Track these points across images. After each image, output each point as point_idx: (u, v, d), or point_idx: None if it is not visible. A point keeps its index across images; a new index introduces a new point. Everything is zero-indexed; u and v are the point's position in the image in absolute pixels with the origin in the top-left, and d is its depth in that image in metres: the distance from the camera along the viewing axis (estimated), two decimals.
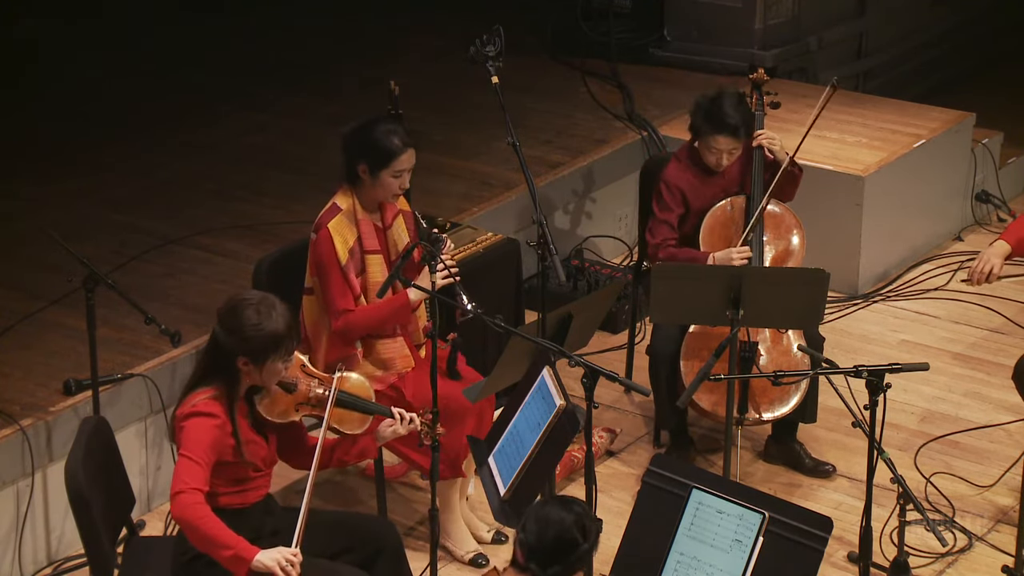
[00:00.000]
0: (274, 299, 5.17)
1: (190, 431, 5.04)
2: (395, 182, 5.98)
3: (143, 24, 10.09)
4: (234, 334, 5.08)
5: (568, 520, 4.47)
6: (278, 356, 5.11)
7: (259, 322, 5.07)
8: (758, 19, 9.48)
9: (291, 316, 5.17)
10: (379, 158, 5.95)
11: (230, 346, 5.09)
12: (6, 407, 6.16)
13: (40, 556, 6.23)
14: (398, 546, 5.49)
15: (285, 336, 5.10)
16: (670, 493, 5.04)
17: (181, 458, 5.02)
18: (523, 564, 4.47)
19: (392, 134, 5.96)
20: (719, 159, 6.68)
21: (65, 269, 6.32)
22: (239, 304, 5.12)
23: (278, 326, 5.08)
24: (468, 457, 6.07)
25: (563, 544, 4.45)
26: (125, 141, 8.56)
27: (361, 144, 5.98)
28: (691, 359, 6.53)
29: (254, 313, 5.08)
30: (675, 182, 6.74)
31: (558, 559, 4.45)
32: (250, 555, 4.93)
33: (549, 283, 6.63)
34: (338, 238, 5.97)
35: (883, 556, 5.99)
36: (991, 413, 7.19)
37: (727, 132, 6.61)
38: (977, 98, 9.68)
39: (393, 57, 9.67)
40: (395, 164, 5.95)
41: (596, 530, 4.54)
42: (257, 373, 5.12)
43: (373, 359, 6.11)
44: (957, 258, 8.58)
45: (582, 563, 4.52)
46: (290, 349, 5.15)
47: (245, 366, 5.10)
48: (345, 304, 5.96)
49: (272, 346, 5.08)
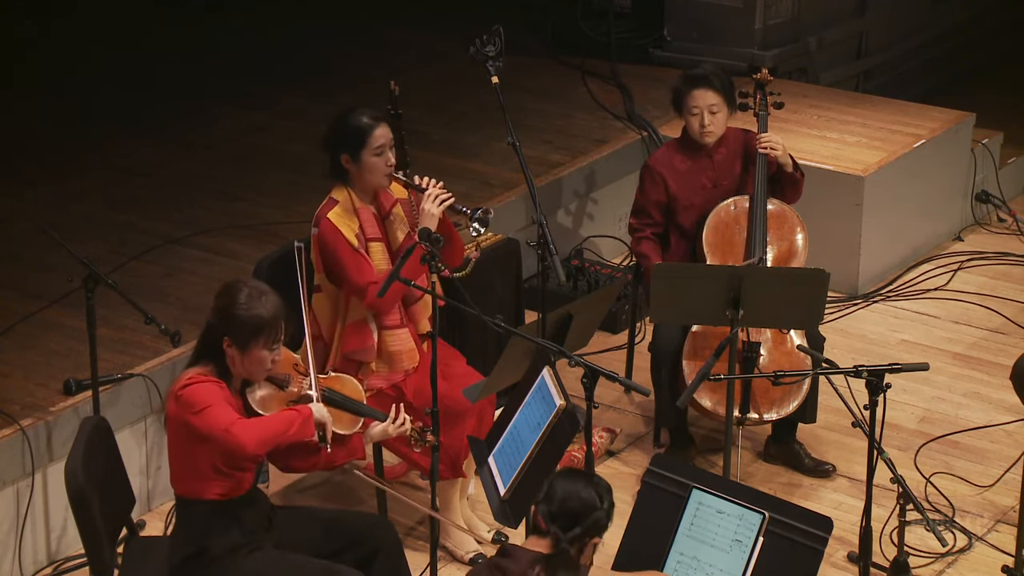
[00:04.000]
0: (270, 290, 5.20)
1: (195, 394, 5.07)
2: (379, 160, 6.00)
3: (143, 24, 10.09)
4: (221, 312, 5.13)
5: (586, 486, 4.72)
6: (260, 342, 5.11)
7: (246, 303, 5.10)
8: (758, 19, 9.48)
9: (282, 308, 5.17)
10: (355, 141, 5.98)
11: (217, 325, 5.13)
12: (6, 407, 6.16)
13: (40, 556, 6.23)
14: (396, 545, 5.49)
15: (268, 323, 5.10)
16: (670, 493, 5.04)
17: (207, 409, 5.03)
18: (545, 529, 4.68)
19: (360, 114, 6.01)
20: (701, 120, 6.68)
21: (65, 269, 6.32)
22: (233, 285, 5.18)
23: (263, 311, 5.10)
24: (468, 457, 6.07)
25: (583, 506, 4.68)
26: (125, 141, 8.56)
27: (335, 136, 6.03)
28: (693, 358, 6.53)
29: (245, 296, 5.12)
30: (656, 166, 6.79)
31: (578, 521, 4.67)
32: (307, 414, 5.21)
33: (549, 283, 6.64)
34: (342, 225, 5.98)
35: (883, 556, 5.99)
36: (991, 413, 7.19)
37: (700, 83, 6.63)
38: (977, 98, 9.68)
39: (393, 57, 9.67)
40: (371, 141, 5.98)
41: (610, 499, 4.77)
42: (240, 359, 5.12)
43: (382, 355, 6.10)
44: (957, 258, 8.58)
45: (598, 527, 4.72)
46: (275, 339, 5.14)
47: (229, 348, 5.11)
48: (369, 277, 5.96)
49: (255, 330, 5.09)
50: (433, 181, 6.05)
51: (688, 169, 6.79)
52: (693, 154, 6.80)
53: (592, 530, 4.70)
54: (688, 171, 6.79)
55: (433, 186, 6.03)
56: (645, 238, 6.83)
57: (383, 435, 5.52)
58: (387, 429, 5.50)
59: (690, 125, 6.74)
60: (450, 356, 6.26)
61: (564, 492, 4.70)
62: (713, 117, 6.68)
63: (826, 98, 9.03)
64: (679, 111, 6.77)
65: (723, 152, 6.81)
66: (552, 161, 8.35)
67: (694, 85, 6.66)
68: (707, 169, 6.80)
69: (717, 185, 6.80)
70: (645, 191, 6.83)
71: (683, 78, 6.77)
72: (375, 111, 6.08)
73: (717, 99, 6.66)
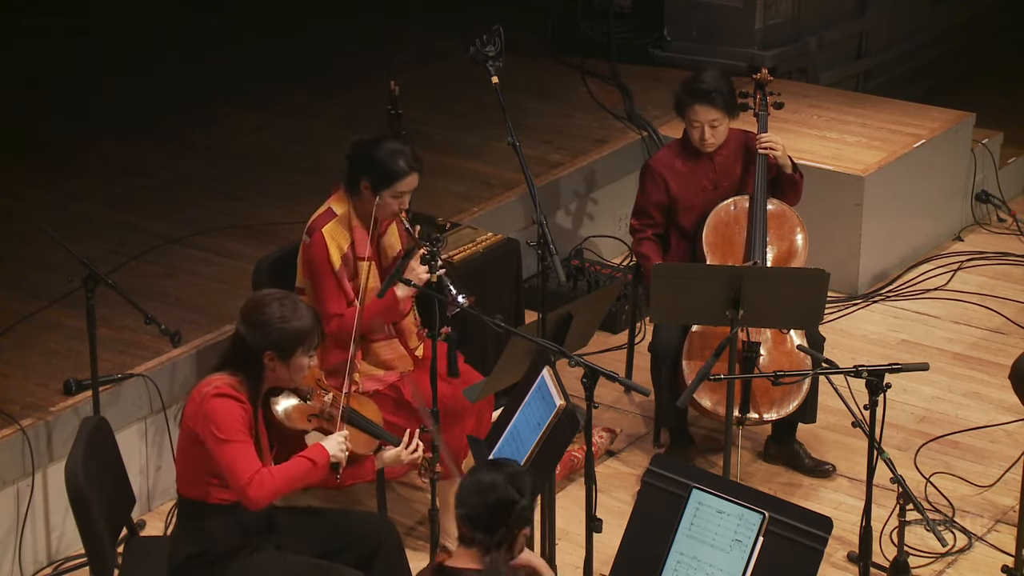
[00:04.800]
0: (296, 296, 5.24)
1: (221, 413, 5.05)
2: (395, 202, 5.99)
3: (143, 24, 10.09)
4: (261, 328, 5.10)
5: (500, 481, 4.56)
6: (304, 351, 5.14)
7: (285, 315, 5.10)
8: (758, 19, 9.48)
9: (314, 313, 5.20)
10: (383, 178, 5.95)
11: (257, 341, 5.10)
12: (6, 407, 6.16)
13: (40, 556, 6.23)
14: (396, 544, 5.49)
15: (311, 330, 5.13)
16: (670, 493, 5.04)
17: (229, 444, 5.02)
18: (470, 536, 4.55)
19: (399, 155, 5.95)
20: (701, 134, 6.70)
21: (65, 269, 6.32)
22: (263, 299, 5.16)
23: (304, 321, 5.12)
24: (468, 457, 6.08)
25: (502, 505, 4.54)
26: (125, 141, 8.56)
27: (368, 160, 5.97)
28: (694, 358, 6.53)
29: (279, 307, 5.11)
30: (657, 166, 6.80)
31: (501, 521, 4.54)
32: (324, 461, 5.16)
33: (549, 283, 6.63)
34: (332, 244, 5.97)
35: (883, 556, 5.99)
36: (991, 413, 7.19)
37: (702, 99, 6.63)
38: (977, 98, 9.68)
39: (393, 57, 9.67)
40: (397, 186, 5.95)
41: (531, 483, 4.62)
42: (284, 368, 5.13)
43: (372, 359, 6.11)
44: (957, 258, 8.58)
45: (524, 520, 4.59)
46: (315, 344, 5.18)
47: (271, 361, 5.11)
48: (338, 308, 5.97)
49: (299, 340, 5.11)
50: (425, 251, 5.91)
51: (689, 171, 6.80)
52: (694, 156, 6.80)
53: (518, 523, 4.58)
54: (689, 172, 6.80)
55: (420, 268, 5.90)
56: (646, 239, 6.84)
57: (395, 460, 5.50)
58: (400, 455, 5.48)
59: (691, 135, 6.76)
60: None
61: (479, 493, 4.56)
62: (714, 131, 6.70)
63: (826, 98, 9.03)
64: (680, 116, 6.77)
65: (724, 154, 6.82)
66: (552, 161, 8.35)
67: (696, 100, 6.65)
68: (708, 171, 6.80)
69: (718, 187, 6.80)
70: (646, 192, 6.83)
71: (686, 89, 6.72)
72: (413, 159, 5.99)
73: (718, 114, 6.67)
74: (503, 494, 4.54)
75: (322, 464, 5.17)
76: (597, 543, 5.45)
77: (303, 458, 5.17)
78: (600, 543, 5.48)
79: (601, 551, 5.50)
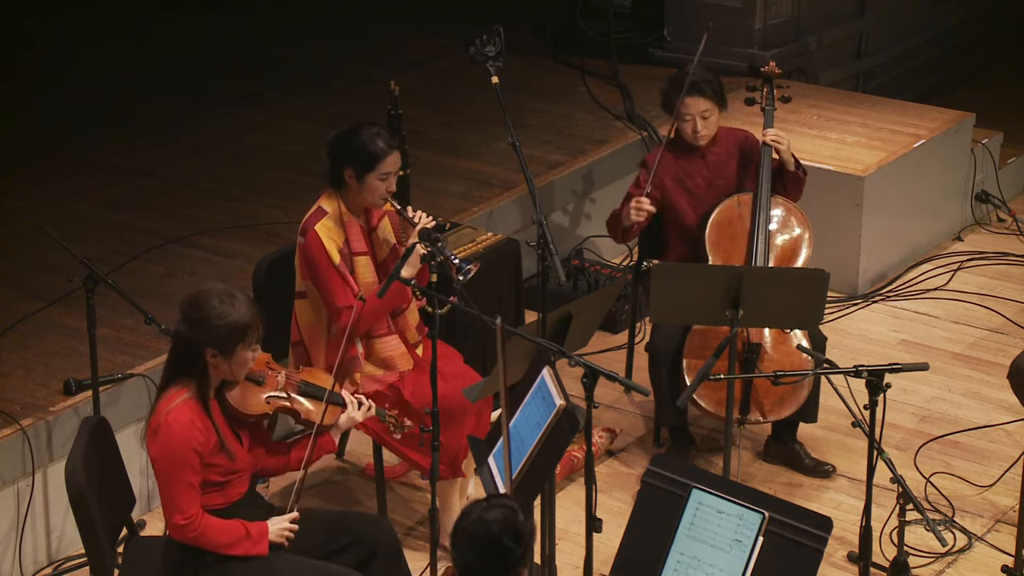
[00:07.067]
0: (234, 289, 5.14)
1: (170, 447, 5.01)
2: (381, 185, 5.99)
3: (143, 23, 10.09)
4: (199, 325, 5.04)
5: (495, 529, 4.34)
6: (246, 345, 5.08)
7: (221, 311, 5.03)
8: (758, 19, 9.48)
9: (254, 305, 5.14)
10: (365, 161, 5.96)
11: (197, 339, 5.05)
12: (6, 407, 6.16)
13: (40, 556, 6.23)
14: (395, 544, 5.48)
15: (250, 324, 5.07)
16: (670, 493, 5.04)
17: (174, 483, 5.02)
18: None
19: (377, 137, 5.98)
20: (693, 126, 6.70)
21: (65, 269, 6.32)
22: (201, 296, 5.09)
23: (243, 315, 5.05)
24: (468, 457, 6.08)
25: (497, 553, 4.33)
26: (125, 140, 8.56)
27: (347, 148, 5.99)
28: (694, 358, 6.53)
29: (218, 303, 5.05)
30: (651, 160, 6.79)
31: (496, 570, 4.35)
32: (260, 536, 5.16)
33: (549, 283, 6.64)
34: (327, 240, 5.97)
35: (883, 556, 5.99)
36: (991, 413, 7.19)
37: (691, 90, 6.63)
38: (977, 98, 9.69)
39: (393, 57, 9.67)
40: (381, 167, 5.96)
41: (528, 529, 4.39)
42: (226, 364, 5.08)
43: (374, 359, 6.11)
44: (957, 258, 8.58)
45: (521, 562, 4.40)
46: (256, 337, 5.12)
47: (213, 358, 5.07)
48: (347, 301, 5.96)
49: (239, 335, 5.05)
50: (423, 215, 6.02)
51: (682, 167, 6.80)
52: (687, 154, 6.81)
53: (517, 568, 4.37)
54: (681, 169, 6.80)
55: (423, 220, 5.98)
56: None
57: (350, 422, 5.50)
58: (352, 416, 5.49)
59: (683, 130, 6.76)
60: (448, 355, 6.26)
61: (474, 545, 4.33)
62: (705, 122, 6.71)
63: (826, 98, 9.03)
64: (669, 113, 6.78)
65: (717, 152, 6.82)
66: (552, 161, 8.35)
67: (685, 92, 6.66)
68: (701, 168, 6.81)
69: (711, 185, 6.80)
70: (638, 186, 6.81)
71: (674, 83, 6.74)
72: (390, 136, 6.04)
73: (708, 104, 6.68)
74: (498, 543, 4.33)
75: (256, 537, 5.16)
76: (597, 543, 5.45)
77: (242, 525, 5.16)
78: (600, 543, 5.49)
79: (601, 551, 5.50)
